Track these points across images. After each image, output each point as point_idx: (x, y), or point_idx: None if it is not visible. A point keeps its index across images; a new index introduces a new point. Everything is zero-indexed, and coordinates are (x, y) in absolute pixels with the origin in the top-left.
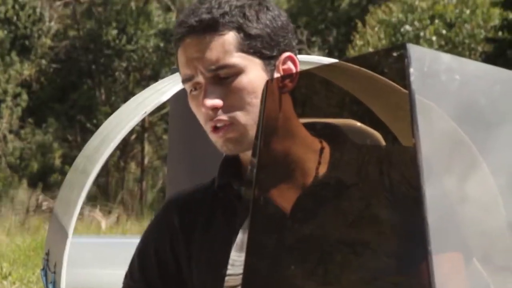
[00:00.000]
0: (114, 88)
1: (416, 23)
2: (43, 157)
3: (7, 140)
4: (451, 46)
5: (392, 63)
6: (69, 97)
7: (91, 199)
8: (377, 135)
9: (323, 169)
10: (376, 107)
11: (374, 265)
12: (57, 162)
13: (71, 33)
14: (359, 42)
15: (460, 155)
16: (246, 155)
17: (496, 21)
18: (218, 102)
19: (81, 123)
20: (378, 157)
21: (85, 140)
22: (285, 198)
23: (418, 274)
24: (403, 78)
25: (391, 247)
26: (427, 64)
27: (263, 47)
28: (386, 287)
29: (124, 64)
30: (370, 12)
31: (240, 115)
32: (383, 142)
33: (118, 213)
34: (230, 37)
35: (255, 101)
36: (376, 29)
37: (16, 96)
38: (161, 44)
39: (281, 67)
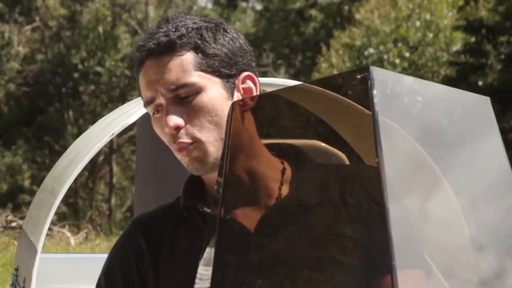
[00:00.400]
0: (82, 110)
1: (381, 47)
2: (12, 178)
3: None
4: (414, 69)
5: (356, 85)
6: (38, 119)
7: (60, 218)
8: (341, 155)
9: (285, 190)
10: (340, 128)
11: (338, 281)
12: (26, 183)
13: (39, 57)
14: (324, 65)
15: (423, 175)
16: (209, 177)
17: (458, 45)
18: (180, 121)
19: (50, 145)
20: (342, 176)
21: (53, 162)
22: (249, 217)
23: None
24: (366, 99)
25: (355, 264)
26: (390, 86)
27: (221, 66)
28: None
29: (92, 87)
30: (334, 36)
31: (201, 134)
32: (347, 162)
33: (87, 231)
34: (188, 57)
35: (216, 119)
36: (340, 52)
37: None
38: (127, 70)
39: (240, 86)
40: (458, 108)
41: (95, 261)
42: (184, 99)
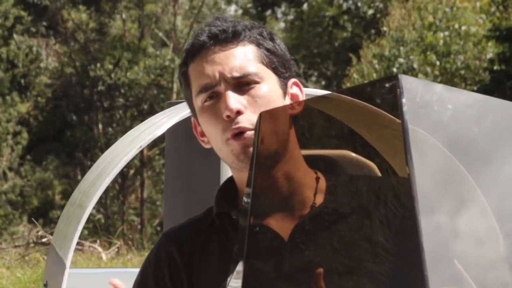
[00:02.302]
0: (111, 123)
1: (411, 57)
2: (43, 194)
3: (7, 178)
4: (446, 77)
5: (385, 93)
6: (67, 133)
7: (91, 233)
8: (372, 165)
9: (319, 198)
10: (370, 138)
11: None
12: (57, 198)
13: (68, 70)
14: (355, 76)
15: (455, 184)
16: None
17: (490, 53)
18: (241, 106)
19: (80, 159)
20: (374, 187)
21: (83, 176)
22: (282, 224)
23: None
24: (396, 108)
25: (387, 274)
26: (420, 94)
27: (279, 65)
28: None
29: (121, 100)
30: (363, 47)
31: None
32: (378, 172)
33: (118, 245)
34: (251, 48)
35: None
36: (372, 61)
37: (16, 134)
38: (151, 79)
39: (289, 91)
40: (490, 116)
41: (127, 275)
42: (244, 87)
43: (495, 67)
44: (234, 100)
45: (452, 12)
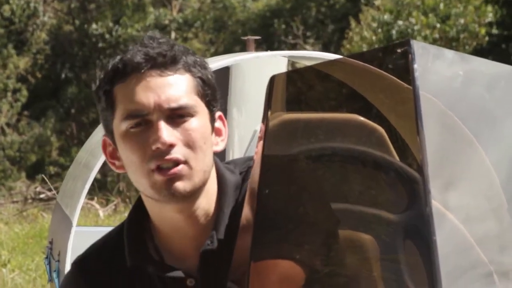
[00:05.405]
0: None
1: (411, 19)
2: (41, 150)
3: (5, 134)
4: (445, 41)
5: (396, 59)
6: (64, 91)
7: (89, 190)
8: (380, 129)
9: None
10: (379, 103)
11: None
12: (54, 154)
13: (67, 27)
14: (355, 38)
15: (463, 150)
16: (162, 219)
17: (489, 17)
18: (174, 139)
19: (77, 116)
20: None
21: (80, 132)
22: None
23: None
24: (407, 74)
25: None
26: (431, 59)
27: (211, 98)
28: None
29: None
30: (362, 10)
31: (192, 157)
32: (386, 137)
33: (116, 203)
34: (190, 78)
35: (204, 146)
36: (372, 25)
37: (16, 91)
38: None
39: (214, 125)
40: (501, 82)
41: None
42: (178, 119)
43: (494, 31)
44: (167, 132)
45: None
